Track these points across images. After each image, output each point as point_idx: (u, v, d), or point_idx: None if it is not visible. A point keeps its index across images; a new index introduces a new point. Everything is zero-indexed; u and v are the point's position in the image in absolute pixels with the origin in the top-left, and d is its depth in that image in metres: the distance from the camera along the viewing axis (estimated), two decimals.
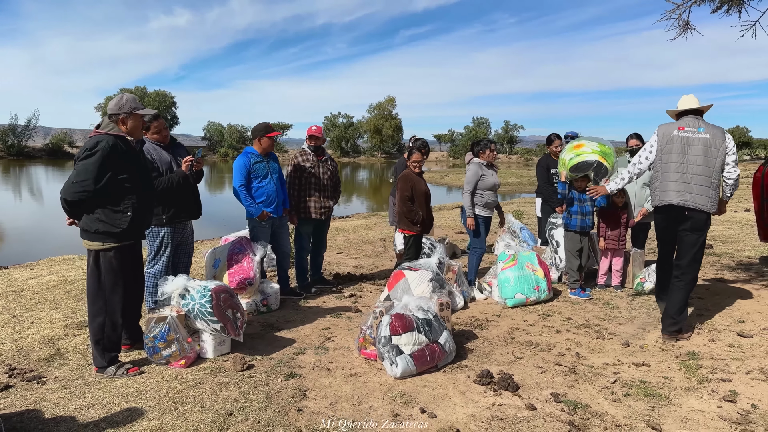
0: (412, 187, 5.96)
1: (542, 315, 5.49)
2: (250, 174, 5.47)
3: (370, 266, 7.70)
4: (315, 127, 6.25)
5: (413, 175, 6.06)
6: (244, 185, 5.43)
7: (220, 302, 4.04)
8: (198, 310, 4.01)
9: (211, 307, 3.99)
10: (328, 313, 5.42)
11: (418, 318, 4.11)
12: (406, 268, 5.66)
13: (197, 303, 4.01)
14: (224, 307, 4.06)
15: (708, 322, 5.21)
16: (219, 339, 4.19)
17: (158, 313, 3.99)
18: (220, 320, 4.02)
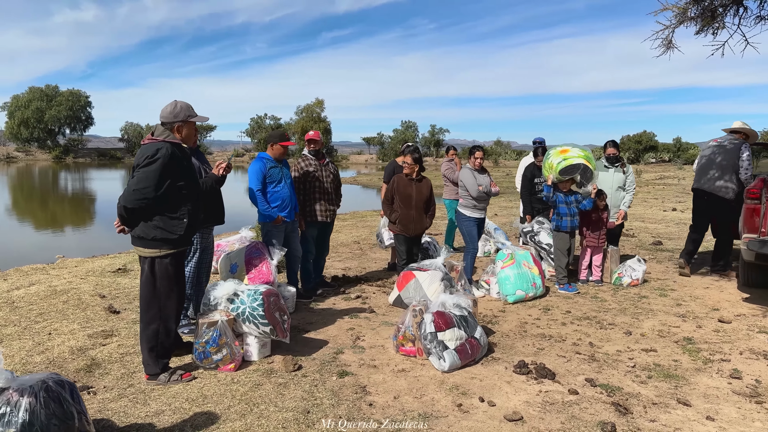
0: (395, 189, 6.20)
1: (543, 309, 5.88)
2: (266, 179, 5.52)
3: (357, 268, 7.85)
4: (313, 132, 6.37)
5: (402, 178, 6.28)
6: (261, 189, 5.48)
7: (270, 305, 4.10)
8: (249, 314, 4.05)
9: (263, 311, 4.05)
10: (345, 314, 5.55)
11: (455, 315, 4.35)
12: (414, 268, 5.88)
13: (248, 306, 4.06)
14: (273, 310, 4.12)
15: (689, 311, 5.79)
16: (262, 342, 4.24)
17: (208, 317, 4.00)
18: (270, 323, 4.08)
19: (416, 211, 6.18)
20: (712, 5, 5.05)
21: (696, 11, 5.08)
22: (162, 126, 3.84)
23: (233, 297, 4.12)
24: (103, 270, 7.42)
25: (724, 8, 5.06)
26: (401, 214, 6.13)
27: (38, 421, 2.60)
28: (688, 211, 15.29)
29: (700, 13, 5.05)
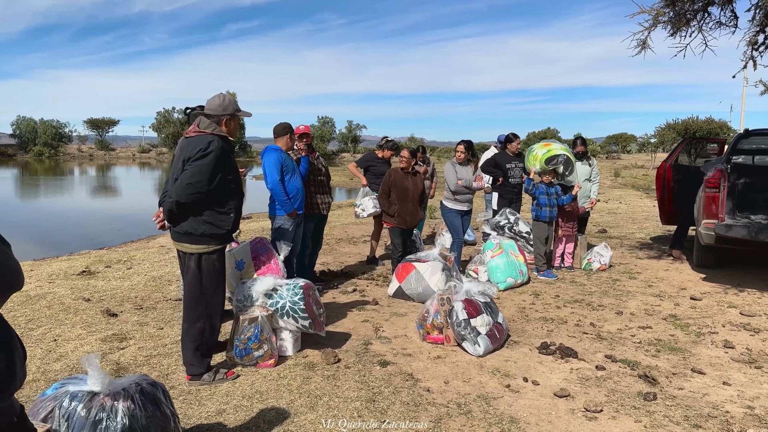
0: (392, 183, 6.31)
1: (533, 295, 6.18)
2: (283, 169, 5.39)
3: (336, 263, 7.83)
4: (303, 126, 6.30)
5: (398, 172, 6.40)
6: (281, 179, 5.34)
7: (310, 299, 4.06)
8: (290, 308, 3.99)
9: (303, 305, 4.00)
10: (352, 307, 5.56)
11: (480, 302, 4.51)
12: (413, 260, 5.99)
13: (288, 301, 3.99)
14: (312, 304, 4.09)
15: (662, 291, 6.31)
16: (296, 336, 4.19)
17: (249, 314, 3.90)
18: (310, 317, 4.04)
19: (413, 204, 6.31)
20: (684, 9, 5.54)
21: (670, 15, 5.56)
22: (207, 118, 3.69)
23: (271, 292, 4.04)
24: (66, 273, 6.93)
25: (694, 13, 5.58)
26: (399, 207, 6.22)
27: (138, 425, 2.48)
28: (611, 201, 16.51)
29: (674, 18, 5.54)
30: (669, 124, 45.38)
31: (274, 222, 5.57)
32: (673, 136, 42.40)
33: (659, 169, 8.48)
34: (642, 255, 8.32)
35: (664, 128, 45.71)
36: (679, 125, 44.13)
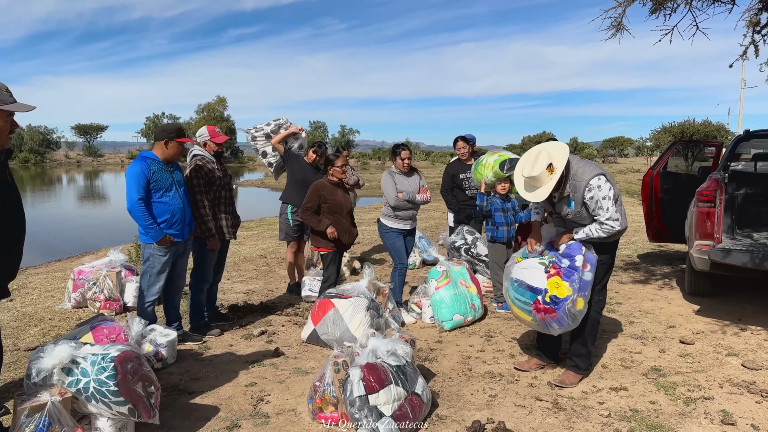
0: (323, 199, 5.11)
1: (485, 337, 4.97)
2: (150, 185, 4.20)
3: (263, 291, 6.62)
4: (219, 129, 5.15)
5: (326, 184, 5.20)
6: (143, 198, 4.15)
7: (127, 375, 2.84)
8: (95, 390, 2.77)
9: (115, 384, 2.78)
10: (245, 361, 4.34)
11: (391, 366, 3.30)
12: (333, 295, 4.79)
13: (93, 380, 2.78)
14: (134, 381, 2.87)
15: (645, 331, 5.10)
16: (121, 423, 2.97)
17: (32, 400, 2.68)
18: (129, 400, 2.83)
19: (347, 219, 5.19)
20: None
21: None
22: None
23: (71, 366, 2.82)
24: None
25: None
26: (333, 224, 5.06)
27: None
28: None
29: None
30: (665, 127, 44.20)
31: (143, 252, 4.37)
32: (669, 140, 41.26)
33: (645, 176, 7.28)
34: (625, 278, 7.11)
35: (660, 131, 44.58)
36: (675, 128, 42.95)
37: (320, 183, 5.20)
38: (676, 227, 6.92)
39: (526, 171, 3.70)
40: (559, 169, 3.65)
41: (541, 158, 3.67)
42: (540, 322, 3.84)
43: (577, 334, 4.04)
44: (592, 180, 3.69)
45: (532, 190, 3.77)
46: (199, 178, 4.69)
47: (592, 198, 3.70)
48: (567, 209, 3.84)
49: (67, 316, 5.44)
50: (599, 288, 4.00)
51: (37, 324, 5.21)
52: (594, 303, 4.00)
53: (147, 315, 4.38)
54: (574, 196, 3.76)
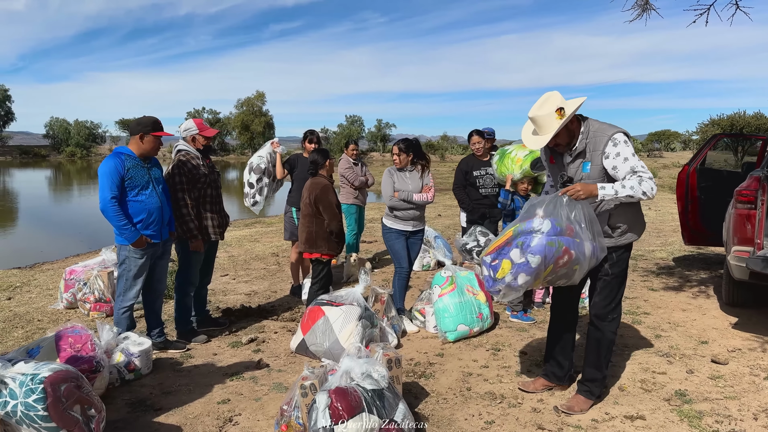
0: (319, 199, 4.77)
1: (491, 350, 4.54)
2: (124, 182, 3.93)
3: (266, 292, 6.32)
4: (207, 121, 4.82)
5: (326, 184, 4.85)
6: (116, 197, 3.88)
7: (60, 398, 2.55)
8: (23, 414, 2.49)
9: (43, 408, 2.50)
10: (224, 373, 4.03)
11: (366, 390, 2.92)
12: (325, 302, 4.44)
13: (21, 402, 2.50)
14: (68, 405, 2.58)
15: (672, 347, 4.57)
16: None
17: None
18: (61, 425, 2.54)
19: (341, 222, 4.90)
20: None
21: None
22: None
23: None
24: None
25: None
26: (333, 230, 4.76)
27: None
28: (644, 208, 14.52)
29: None
30: (713, 120, 42.28)
31: (119, 254, 4.10)
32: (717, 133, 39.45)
33: (681, 173, 6.67)
34: (657, 284, 6.53)
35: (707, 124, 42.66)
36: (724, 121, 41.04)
37: (325, 183, 4.84)
38: (714, 229, 6.31)
39: (532, 111, 3.23)
40: (569, 113, 3.14)
41: (552, 100, 3.19)
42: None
43: (590, 358, 3.57)
44: (616, 134, 3.17)
45: (535, 137, 3.29)
46: (182, 175, 4.40)
47: (618, 155, 3.13)
48: (581, 173, 3.28)
49: (57, 318, 5.26)
50: (613, 306, 3.49)
51: (24, 326, 5.04)
52: (608, 322, 3.50)
53: (122, 322, 4.12)
54: (591, 156, 3.22)
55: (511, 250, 3.03)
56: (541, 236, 3.01)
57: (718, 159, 21.28)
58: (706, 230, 6.60)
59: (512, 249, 3.03)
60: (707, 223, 6.56)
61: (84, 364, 3.45)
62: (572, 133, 3.25)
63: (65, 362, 3.40)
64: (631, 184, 3.08)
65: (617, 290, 3.49)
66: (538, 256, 2.99)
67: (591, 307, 3.54)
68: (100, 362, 3.52)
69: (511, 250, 3.03)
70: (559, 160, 3.42)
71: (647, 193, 3.08)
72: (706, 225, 6.58)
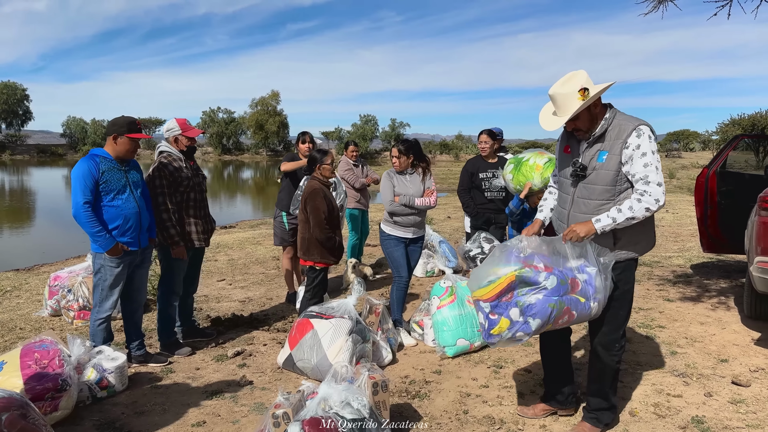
0: (329, 204, 4.51)
1: (493, 367, 4.23)
2: (98, 186, 3.69)
3: (261, 299, 6.07)
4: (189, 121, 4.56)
5: (324, 187, 4.58)
6: (89, 202, 3.65)
7: (1, 429, 2.31)
8: None
9: None
10: (203, 391, 3.77)
11: (345, 420, 2.64)
12: (314, 315, 4.17)
13: None
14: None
15: (689, 365, 4.23)
16: None
17: None
18: None
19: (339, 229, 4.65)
20: None
21: None
22: None
23: None
24: None
25: None
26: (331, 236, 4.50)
27: None
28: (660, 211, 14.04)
29: None
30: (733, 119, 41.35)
31: (94, 262, 3.86)
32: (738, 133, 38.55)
33: (700, 177, 6.29)
34: (673, 294, 6.16)
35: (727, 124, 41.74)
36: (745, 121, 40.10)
37: (318, 186, 4.56)
38: (735, 236, 5.93)
39: (553, 88, 2.92)
40: (593, 95, 2.83)
41: (577, 79, 2.87)
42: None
43: (594, 387, 3.25)
44: (643, 126, 2.87)
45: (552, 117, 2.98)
46: (162, 179, 4.15)
47: (638, 148, 2.82)
48: (596, 162, 2.94)
49: (39, 326, 5.05)
50: (620, 333, 3.16)
51: (4, 335, 4.84)
52: (614, 353, 3.17)
53: (99, 334, 3.89)
54: (611, 145, 2.90)
55: (510, 307, 2.75)
56: (544, 297, 2.74)
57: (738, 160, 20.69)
58: (727, 238, 6.22)
59: (511, 307, 2.75)
60: (727, 230, 6.19)
61: (48, 383, 3.22)
62: (594, 117, 2.93)
63: (28, 380, 3.18)
64: (629, 204, 2.82)
65: (624, 314, 3.14)
66: (539, 319, 2.74)
67: (595, 336, 3.20)
68: (66, 380, 3.28)
69: (510, 308, 2.75)
70: (575, 150, 3.08)
71: (651, 209, 2.80)
72: (727, 232, 6.21)
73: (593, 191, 2.95)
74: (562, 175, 3.16)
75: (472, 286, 2.92)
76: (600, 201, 2.94)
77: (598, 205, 2.94)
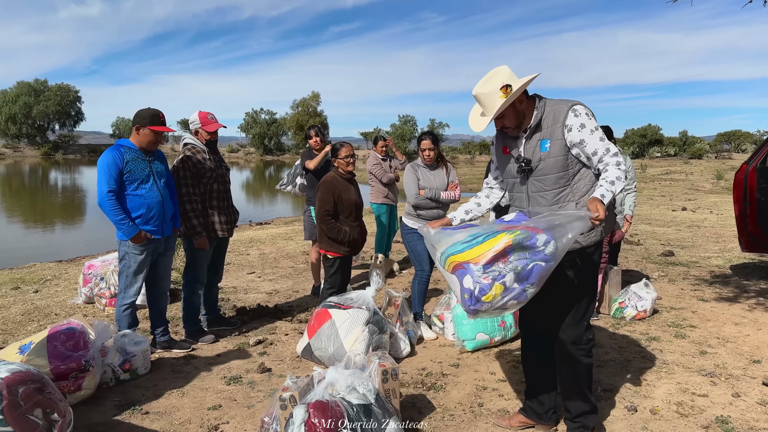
0: (337, 197, 4.52)
1: (512, 362, 4.18)
2: (123, 176, 3.82)
3: (287, 291, 6.16)
4: (212, 115, 4.62)
5: (339, 180, 4.61)
6: (113, 191, 3.78)
7: (17, 401, 2.41)
8: None
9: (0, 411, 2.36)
10: (224, 376, 3.86)
11: (351, 405, 2.66)
12: (332, 305, 4.20)
13: None
14: (26, 408, 2.43)
15: (719, 365, 4.08)
16: None
17: None
18: (18, 429, 2.39)
19: (361, 220, 4.71)
20: None
21: None
22: None
23: None
24: None
25: None
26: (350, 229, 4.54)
27: None
28: (701, 210, 13.58)
29: None
30: None
31: (119, 250, 3.99)
32: None
33: (738, 173, 6.06)
34: (709, 294, 5.95)
35: None
36: None
37: (333, 178, 4.61)
38: None
39: (475, 88, 2.77)
40: (516, 90, 2.68)
41: (498, 77, 2.73)
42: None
43: (571, 391, 3.02)
44: (576, 105, 2.75)
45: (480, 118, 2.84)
46: (186, 170, 4.25)
47: (584, 126, 2.70)
48: (539, 152, 2.78)
49: (73, 312, 5.25)
50: (586, 324, 2.94)
51: (40, 319, 5.05)
52: (583, 345, 2.94)
53: (124, 319, 4.02)
54: (551, 132, 2.76)
55: (506, 273, 2.46)
56: (543, 262, 2.48)
57: None
58: (765, 237, 5.97)
59: (507, 273, 2.46)
60: (765, 229, 5.93)
61: (72, 363, 3.35)
62: (521, 114, 2.80)
63: (53, 359, 3.31)
64: (616, 174, 2.63)
65: (588, 304, 2.92)
66: (534, 288, 2.50)
67: (560, 332, 2.95)
68: (90, 361, 3.40)
69: (506, 274, 2.46)
70: (513, 146, 2.91)
71: (622, 175, 2.65)
72: (766, 231, 5.96)
73: (546, 182, 2.80)
74: (507, 175, 3.00)
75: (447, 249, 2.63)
76: (557, 189, 2.80)
77: (556, 194, 2.80)
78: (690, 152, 54.22)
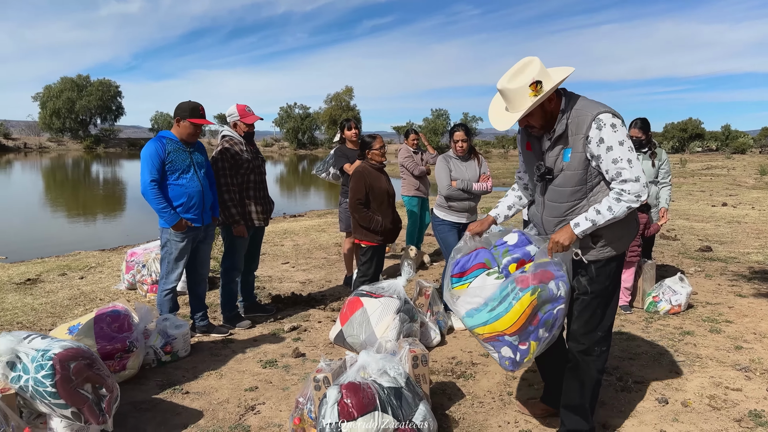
0: (369, 187, 4.60)
1: None
2: (165, 166, 3.99)
3: (320, 281, 6.29)
4: (249, 108, 4.75)
5: (370, 170, 4.69)
6: (156, 180, 3.95)
7: (69, 376, 2.57)
8: (34, 389, 2.53)
9: (52, 384, 2.52)
10: (260, 360, 4.00)
11: (382, 387, 2.74)
12: (364, 293, 4.29)
13: (32, 378, 2.53)
14: (77, 383, 2.60)
15: (754, 360, 4.03)
16: (76, 426, 2.72)
17: None
18: (70, 403, 2.56)
19: (393, 209, 4.77)
20: None
21: None
22: None
23: (14, 360, 2.60)
24: (10, 280, 6.06)
25: None
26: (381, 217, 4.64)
27: None
28: (741, 206, 13.22)
29: None
30: None
31: (161, 237, 4.16)
32: None
33: None
34: (747, 290, 5.84)
35: None
36: None
37: (364, 169, 4.70)
38: None
39: (501, 82, 2.54)
40: (546, 89, 2.48)
41: (528, 70, 2.50)
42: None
43: (572, 402, 2.86)
44: (602, 114, 2.48)
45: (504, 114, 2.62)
46: (224, 161, 4.39)
47: (602, 142, 2.46)
48: (561, 162, 2.59)
49: (117, 298, 5.47)
50: (599, 334, 2.76)
51: (86, 304, 5.28)
52: (594, 357, 2.79)
53: (165, 304, 4.19)
54: (573, 141, 2.54)
55: (538, 330, 2.58)
56: (563, 304, 2.62)
57: None
58: None
59: (539, 329, 2.58)
60: None
61: (118, 343, 3.52)
62: (550, 113, 2.59)
63: (99, 339, 3.49)
64: (608, 204, 2.50)
65: (602, 314, 2.75)
66: (560, 326, 2.69)
67: (569, 338, 2.85)
68: (133, 342, 3.57)
69: (538, 330, 2.58)
70: (537, 146, 2.74)
71: (632, 207, 2.49)
72: None
73: (562, 194, 2.64)
74: (530, 174, 2.87)
75: (474, 323, 2.65)
76: (570, 203, 2.64)
77: (569, 207, 2.65)
78: (733, 147, 52.57)
